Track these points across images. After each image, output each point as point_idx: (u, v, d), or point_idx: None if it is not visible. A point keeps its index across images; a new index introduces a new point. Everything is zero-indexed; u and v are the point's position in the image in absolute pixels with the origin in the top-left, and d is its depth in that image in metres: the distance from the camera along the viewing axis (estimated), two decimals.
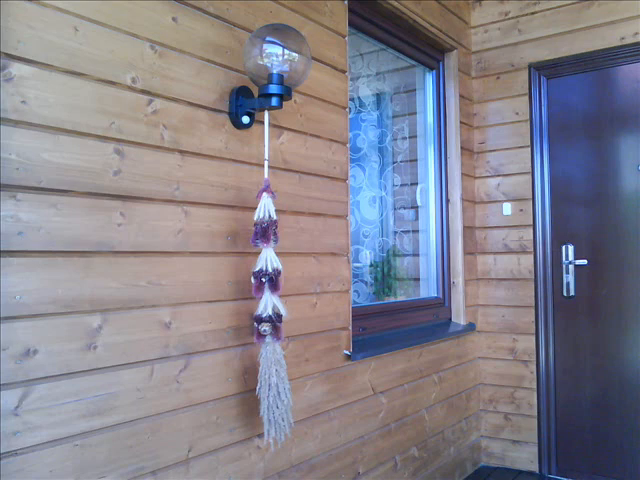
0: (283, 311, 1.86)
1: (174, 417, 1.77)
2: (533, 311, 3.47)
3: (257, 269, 1.84)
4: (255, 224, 1.85)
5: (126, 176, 1.66)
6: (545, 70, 3.47)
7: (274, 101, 1.89)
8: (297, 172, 2.27)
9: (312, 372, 2.30)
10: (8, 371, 1.38)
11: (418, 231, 3.52)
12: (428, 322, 3.29)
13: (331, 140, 2.46)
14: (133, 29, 1.69)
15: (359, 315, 2.72)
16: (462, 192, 3.48)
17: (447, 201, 3.49)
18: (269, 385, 1.84)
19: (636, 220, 3.22)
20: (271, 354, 1.85)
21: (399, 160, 3.45)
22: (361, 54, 3.17)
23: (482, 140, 3.65)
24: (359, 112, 3.19)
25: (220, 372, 1.92)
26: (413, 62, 3.41)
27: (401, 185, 3.46)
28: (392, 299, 3.36)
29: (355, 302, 2.96)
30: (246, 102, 1.99)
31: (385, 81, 3.39)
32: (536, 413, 3.46)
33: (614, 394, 3.26)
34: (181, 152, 1.82)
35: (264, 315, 1.83)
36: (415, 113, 3.54)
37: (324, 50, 2.44)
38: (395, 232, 3.42)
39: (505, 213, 3.56)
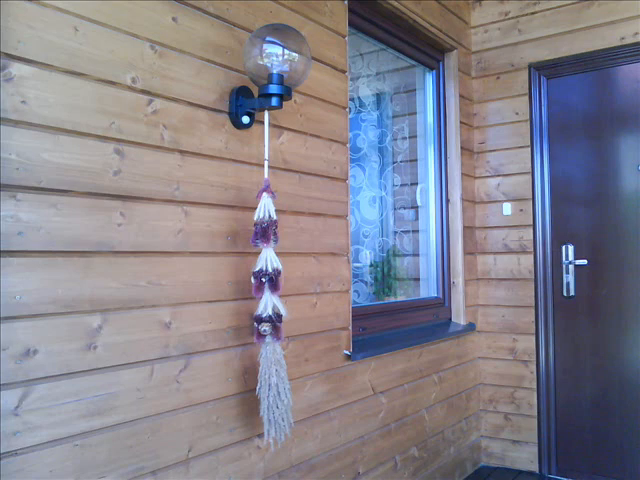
0: (283, 311, 1.86)
1: (174, 417, 1.77)
2: (533, 311, 3.47)
3: (257, 269, 1.84)
4: (255, 224, 1.85)
5: (126, 176, 1.66)
6: (545, 70, 3.47)
7: (274, 101, 1.89)
8: (297, 172, 2.27)
9: (312, 372, 2.30)
10: (8, 371, 1.38)
11: (418, 231, 3.52)
12: (428, 322, 3.29)
13: (331, 140, 2.46)
14: (133, 29, 1.69)
15: (359, 315, 2.72)
16: (462, 192, 3.48)
17: (447, 201, 3.49)
18: (269, 385, 1.84)
19: (636, 220, 3.22)
20: (271, 354, 1.85)
21: (399, 160, 3.45)
22: (361, 54, 3.17)
23: (482, 140, 3.65)
24: (359, 112, 3.19)
25: (220, 372, 1.92)
26: (413, 62, 3.41)
27: (401, 185, 3.46)
28: (392, 299, 3.36)
29: (355, 302, 2.96)
30: (246, 102, 1.99)
31: (385, 81, 3.39)
32: (536, 413, 3.46)
33: (614, 394, 3.26)
34: (181, 152, 1.82)
35: (264, 315, 1.83)
36: (415, 113, 3.54)
37: (324, 50, 2.44)
38: (395, 232, 3.42)
39: (505, 213, 3.56)
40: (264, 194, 1.86)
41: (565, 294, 3.40)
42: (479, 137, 3.66)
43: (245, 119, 2.01)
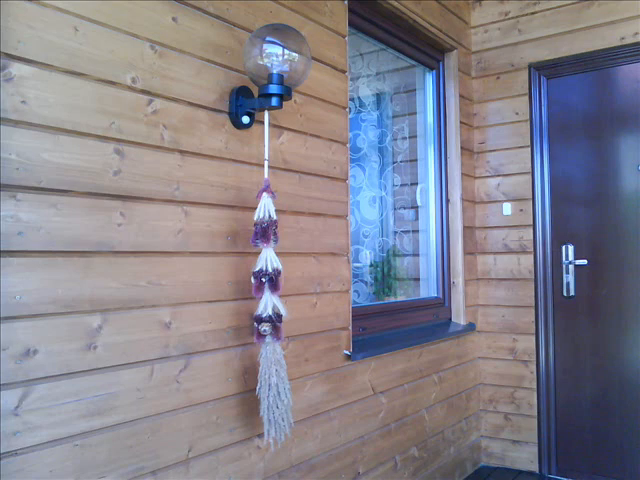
0: (283, 311, 1.86)
1: (174, 417, 1.77)
2: (533, 311, 3.47)
3: (257, 269, 1.84)
4: (255, 224, 1.85)
5: (126, 176, 1.66)
6: (545, 70, 3.47)
7: (274, 101, 1.89)
8: (297, 172, 2.27)
9: (312, 372, 2.30)
10: (8, 371, 1.38)
11: (418, 231, 3.52)
12: (428, 322, 3.29)
13: (331, 140, 2.46)
14: (133, 29, 1.69)
15: (359, 315, 2.72)
16: (462, 192, 3.48)
17: (447, 201, 3.49)
18: (269, 385, 1.84)
19: (636, 220, 3.22)
20: (271, 354, 1.85)
21: (399, 160, 3.45)
22: (361, 54, 3.17)
23: (482, 140, 3.65)
24: (359, 112, 3.19)
25: (220, 372, 1.92)
26: (413, 62, 3.41)
27: (401, 185, 3.46)
28: (392, 299, 3.36)
29: (355, 302, 2.96)
30: (246, 102, 1.99)
31: (385, 81, 3.39)
32: (536, 413, 3.46)
33: (614, 394, 3.26)
34: (181, 152, 1.82)
35: (264, 315, 1.83)
36: (415, 113, 3.54)
37: (324, 50, 2.44)
38: (395, 232, 3.42)
39: (505, 213, 3.56)
40: (264, 194, 1.86)
41: (565, 294, 3.40)
42: (479, 137, 3.66)
43: (245, 119, 2.01)
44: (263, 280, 1.84)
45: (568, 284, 3.39)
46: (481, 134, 3.65)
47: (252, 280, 1.86)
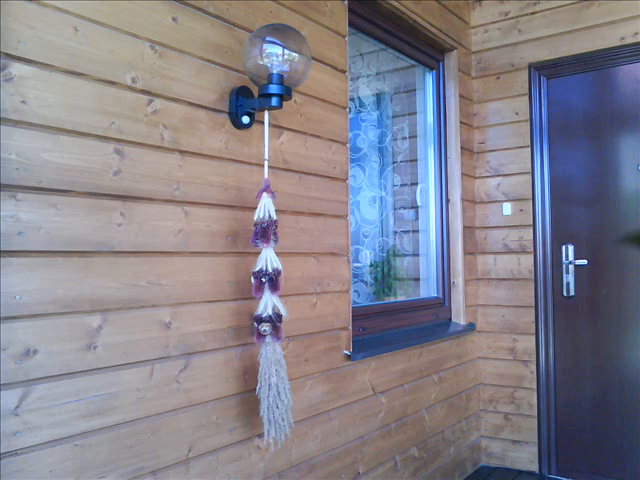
0: (283, 311, 1.86)
1: (174, 417, 1.77)
2: (533, 311, 3.47)
3: (257, 269, 1.84)
4: (255, 224, 1.85)
5: (126, 176, 1.66)
6: (545, 70, 3.47)
7: (274, 101, 1.89)
8: (297, 172, 2.27)
9: (312, 372, 2.30)
10: (8, 371, 1.39)
11: (418, 231, 3.52)
12: (428, 322, 3.29)
13: (331, 140, 2.46)
14: (133, 29, 1.69)
15: (359, 315, 2.72)
16: (462, 192, 3.48)
17: (447, 201, 3.49)
18: (269, 385, 1.84)
19: (636, 220, 3.22)
20: (271, 354, 1.85)
21: (399, 160, 3.45)
22: (361, 54, 3.17)
23: (482, 140, 3.65)
24: (359, 112, 3.19)
25: (220, 372, 1.92)
26: (413, 62, 3.41)
27: (401, 185, 3.46)
28: (392, 299, 3.36)
29: (355, 302, 2.96)
30: (246, 102, 1.99)
31: (385, 81, 3.39)
32: (536, 413, 3.46)
33: (614, 394, 3.26)
34: (181, 152, 1.82)
35: (264, 315, 1.83)
36: (415, 113, 3.54)
37: (324, 50, 2.44)
38: (395, 232, 3.42)
39: (505, 213, 3.56)
40: (264, 194, 1.86)
41: (565, 294, 3.40)
42: (479, 137, 3.66)
43: (245, 119, 2.01)
44: (263, 280, 1.84)
45: (568, 284, 3.39)
46: (481, 134, 3.65)
47: (252, 280, 1.86)
